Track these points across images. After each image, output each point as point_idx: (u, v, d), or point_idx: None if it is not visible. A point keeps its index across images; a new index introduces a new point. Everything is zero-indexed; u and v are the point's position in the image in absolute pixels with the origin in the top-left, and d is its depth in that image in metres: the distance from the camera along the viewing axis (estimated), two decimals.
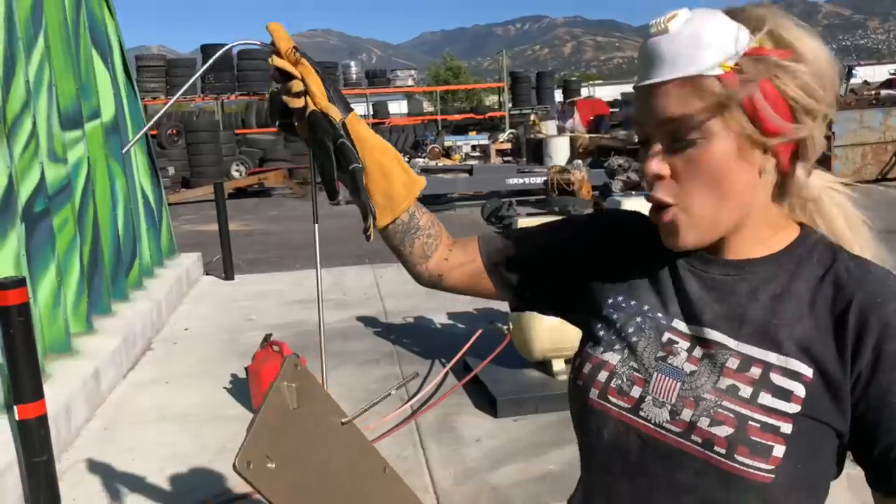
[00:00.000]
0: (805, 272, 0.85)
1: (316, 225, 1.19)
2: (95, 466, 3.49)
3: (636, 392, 0.87)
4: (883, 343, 0.78)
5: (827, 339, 0.81)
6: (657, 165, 0.83)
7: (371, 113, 27.69)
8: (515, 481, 3.20)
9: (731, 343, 0.84)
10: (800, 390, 0.80)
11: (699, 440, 0.82)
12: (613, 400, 0.89)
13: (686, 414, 0.83)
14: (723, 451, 0.80)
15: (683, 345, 0.87)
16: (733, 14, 0.81)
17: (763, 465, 0.79)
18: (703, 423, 0.82)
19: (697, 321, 0.87)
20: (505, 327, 4.33)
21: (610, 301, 0.95)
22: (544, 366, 4.16)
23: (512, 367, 4.22)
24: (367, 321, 5.69)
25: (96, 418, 4.07)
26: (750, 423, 0.80)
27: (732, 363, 0.83)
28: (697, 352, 0.86)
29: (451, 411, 3.95)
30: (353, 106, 1.06)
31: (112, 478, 3.39)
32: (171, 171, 16.29)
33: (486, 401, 4.01)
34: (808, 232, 0.88)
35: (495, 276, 1.06)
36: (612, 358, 0.90)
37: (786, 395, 0.80)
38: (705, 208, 0.82)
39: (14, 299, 2.68)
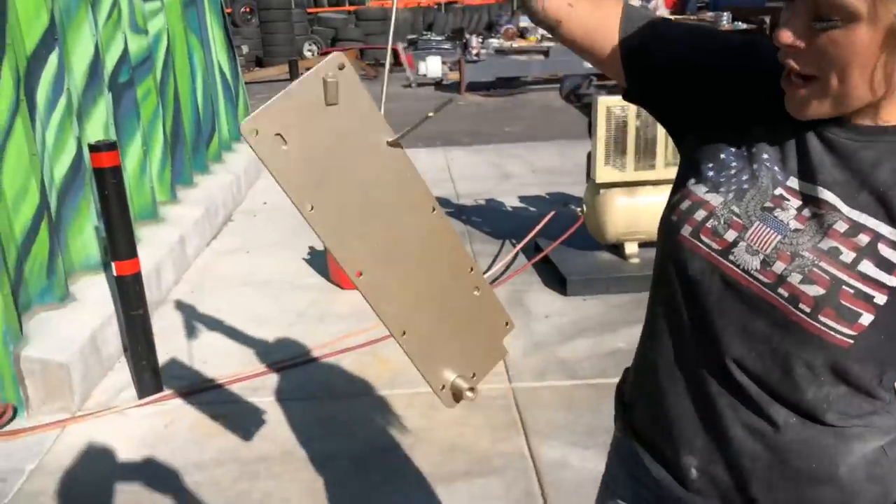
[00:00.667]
0: None
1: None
2: (184, 324, 3.73)
3: (730, 236, 0.86)
4: None
5: None
6: (789, 36, 0.78)
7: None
8: (583, 356, 3.27)
9: (844, 208, 0.82)
10: None
11: (785, 294, 0.82)
12: (705, 240, 0.88)
13: (778, 266, 0.82)
14: (807, 309, 0.80)
15: (794, 202, 0.84)
16: None
17: (845, 330, 0.79)
18: (794, 278, 0.81)
19: (812, 180, 0.84)
20: (578, 210, 4.30)
21: (729, 142, 0.91)
22: (617, 249, 4.15)
23: (584, 250, 4.22)
24: (440, 202, 5.62)
25: (183, 282, 4.31)
26: (844, 287, 0.79)
27: (840, 227, 0.81)
28: (807, 211, 0.83)
29: (521, 288, 4.02)
30: None
31: (199, 335, 3.62)
32: (245, 49, 16.28)
33: (556, 280, 4.05)
34: None
35: (627, 55, 0.97)
36: (715, 199, 0.89)
37: (890, 267, 0.79)
38: (837, 89, 0.78)
39: (107, 162, 2.80)
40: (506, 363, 3.23)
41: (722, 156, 0.91)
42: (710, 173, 0.91)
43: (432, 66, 12.86)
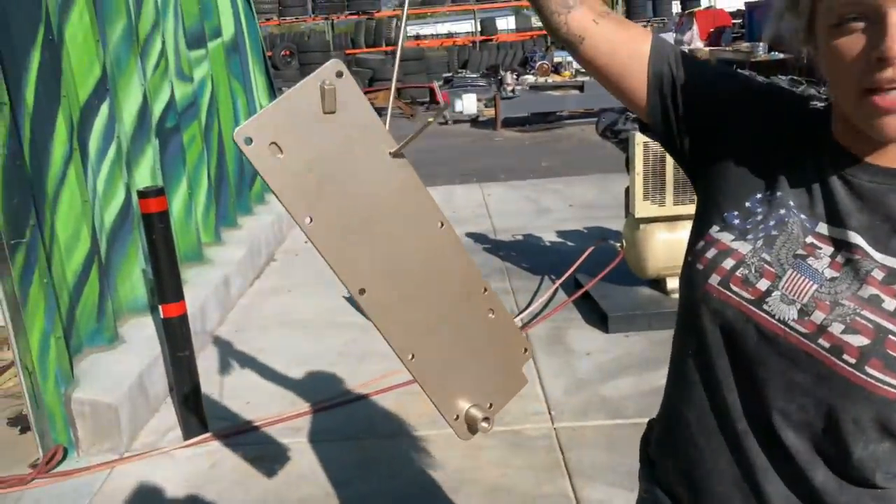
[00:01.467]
0: None
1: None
2: (228, 364, 3.78)
3: (763, 285, 0.83)
4: None
5: None
6: None
7: (479, 30, 27.10)
8: (626, 394, 3.23)
9: (876, 255, 0.79)
10: None
11: (827, 345, 0.79)
12: (735, 289, 0.84)
13: (818, 316, 0.79)
14: (853, 360, 0.77)
15: (827, 250, 0.82)
16: None
17: (894, 381, 0.76)
18: (836, 328, 0.78)
19: (842, 225, 0.82)
20: (617, 244, 4.28)
21: (752, 188, 0.89)
22: (657, 283, 4.11)
23: (624, 285, 4.19)
24: (477, 238, 5.75)
25: (227, 322, 4.38)
26: (890, 336, 0.77)
27: (878, 274, 0.79)
28: (840, 258, 0.81)
29: (562, 325, 3.99)
30: (460, 23, 1.01)
31: (242, 375, 3.67)
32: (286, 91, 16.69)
33: (596, 316, 4.02)
34: None
35: (655, 82, 0.94)
36: (743, 247, 0.86)
37: None
38: None
39: (155, 207, 2.88)
40: (548, 402, 3.20)
41: (747, 203, 0.88)
42: (736, 221, 0.88)
43: (468, 104, 13.00)
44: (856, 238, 0.81)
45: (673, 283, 4.02)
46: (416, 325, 0.90)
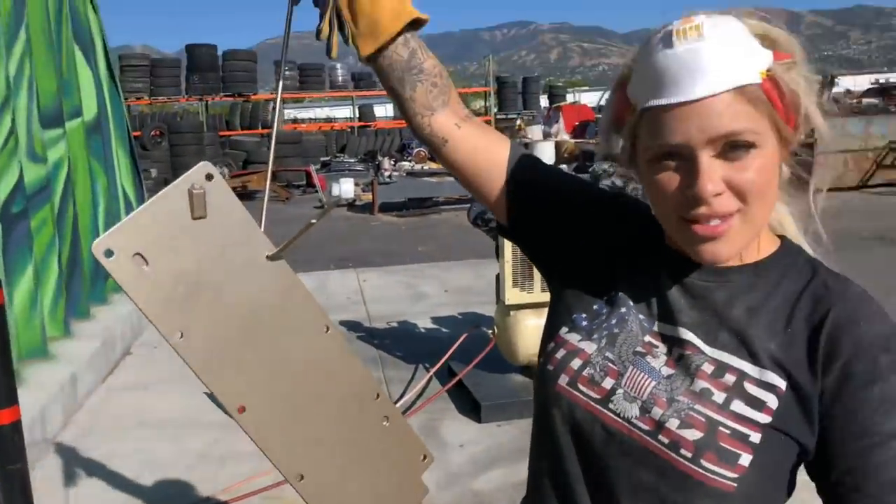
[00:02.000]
0: (785, 286, 0.84)
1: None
2: (72, 474, 3.42)
3: (608, 383, 0.85)
4: (853, 363, 0.78)
5: (801, 352, 0.81)
6: (715, 184, 0.77)
7: (357, 116, 27.64)
8: (498, 486, 3.17)
9: (707, 349, 0.83)
10: (772, 401, 0.80)
11: (666, 441, 0.80)
12: (583, 389, 0.86)
13: (656, 412, 0.82)
14: (689, 454, 0.79)
15: (662, 348, 0.86)
16: (738, 17, 0.80)
17: (728, 473, 0.78)
18: (673, 423, 0.80)
19: (673, 322, 0.86)
20: (489, 331, 4.30)
21: (598, 290, 0.92)
22: (529, 370, 4.14)
23: (496, 372, 4.19)
24: (351, 325, 5.64)
25: (73, 425, 4.00)
26: (720, 428, 0.79)
27: (707, 368, 0.82)
28: (675, 354, 0.85)
29: (436, 416, 3.92)
30: (338, 108, 1.03)
31: (88, 485, 3.32)
32: (154, 172, 16.14)
33: (469, 406, 3.98)
34: (789, 245, 0.88)
35: (513, 187, 0.97)
36: (589, 347, 0.88)
37: (758, 404, 0.80)
38: (760, 214, 0.80)
39: None
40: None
41: (594, 306, 0.91)
42: (584, 322, 0.91)
43: (345, 188, 13.06)
44: (686, 334, 0.85)
45: None
46: (303, 442, 0.85)
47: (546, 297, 3.61)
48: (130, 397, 4.38)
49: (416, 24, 0.97)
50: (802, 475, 0.84)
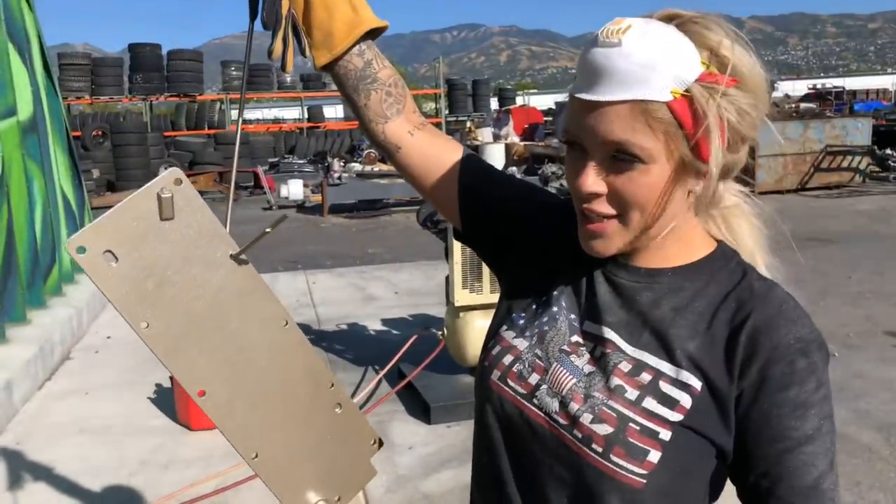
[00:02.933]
0: (712, 288, 0.85)
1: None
2: (7, 483, 3.30)
3: (534, 379, 0.87)
4: (770, 365, 0.79)
5: (719, 354, 0.81)
6: (595, 184, 0.81)
7: (306, 117, 27.39)
8: (448, 488, 3.17)
9: (628, 349, 0.84)
10: (686, 400, 0.80)
11: (580, 435, 0.82)
12: (511, 384, 0.89)
13: (572, 407, 0.83)
14: (600, 449, 0.81)
15: (588, 346, 0.88)
16: (681, 25, 0.79)
17: (636, 469, 0.80)
18: (586, 418, 0.82)
19: (598, 321, 0.87)
20: (439, 333, 4.30)
21: (536, 289, 0.94)
22: None
23: (446, 373, 4.19)
24: (300, 328, 5.56)
25: (8, 432, 3.85)
26: (630, 424, 0.80)
27: (624, 366, 0.84)
28: (597, 353, 0.86)
29: (385, 419, 3.90)
30: (287, 109, 1.03)
31: (26, 493, 3.20)
32: (96, 173, 15.70)
33: (419, 408, 3.97)
34: (725, 249, 0.89)
35: (463, 193, 1.00)
36: (521, 344, 0.91)
37: (671, 402, 0.81)
38: (638, 223, 0.82)
39: None
40: (368, 502, 3.07)
41: (534, 306, 0.93)
42: (521, 321, 0.93)
43: (294, 189, 12.92)
44: (609, 333, 0.86)
45: None
46: (259, 424, 0.93)
47: (494, 298, 3.62)
48: (70, 403, 4.24)
49: (373, 33, 0.99)
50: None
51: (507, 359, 0.90)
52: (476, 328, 3.95)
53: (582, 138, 0.81)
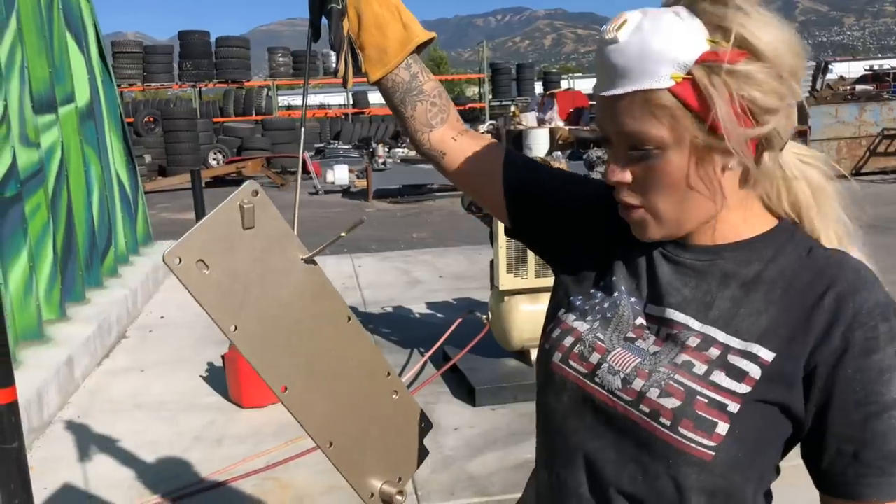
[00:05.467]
0: (781, 260, 0.85)
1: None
2: (68, 454, 3.45)
3: (595, 358, 0.89)
4: (852, 330, 0.78)
5: (796, 323, 0.81)
6: (618, 173, 0.84)
7: (351, 103, 27.54)
8: (493, 470, 3.21)
9: (695, 325, 0.85)
10: (755, 371, 0.81)
11: (647, 410, 0.83)
12: (573, 364, 0.90)
13: (637, 383, 0.84)
14: (668, 422, 0.81)
15: (652, 328, 0.88)
16: (691, 5, 0.79)
17: (705, 441, 0.80)
18: (653, 393, 0.83)
19: (662, 303, 0.88)
20: (484, 317, 4.33)
21: (594, 275, 0.96)
22: (522, 355, 4.17)
23: (490, 357, 4.22)
24: None
25: (70, 406, 4.02)
26: (698, 397, 0.81)
27: (693, 342, 0.84)
28: (662, 333, 0.87)
29: (430, 400, 3.95)
30: (332, 95, 1.08)
31: (85, 466, 3.35)
32: (148, 158, 16.08)
33: (464, 390, 4.01)
34: (786, 224, 0.89)
35: (509, 191, 1.03)
36: (582, 326, 0.92)
37: (740, 374, 0.81)
38: (670, 211, 0.84)
39: None
40: (414, 482, 3.12)
41: (591, 290, 0.95)
42: (579, 303, 0.95)
43: (339, 175, 13.05)
44: (674, 314, 0.87)
45: (536, 355, 4.09)
46: (332, 414, 0.99)
47: (539, 282, 3.63)
48: (126, 380, 4.40)
49: (419, 48, 1.05)
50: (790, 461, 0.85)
51: (568, 340, 0.91)
52: (521, 312, 3.96)
53: (606, 133, 0.85)
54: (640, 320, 0.89)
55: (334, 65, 1.05)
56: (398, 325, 5.26)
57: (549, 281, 3.89)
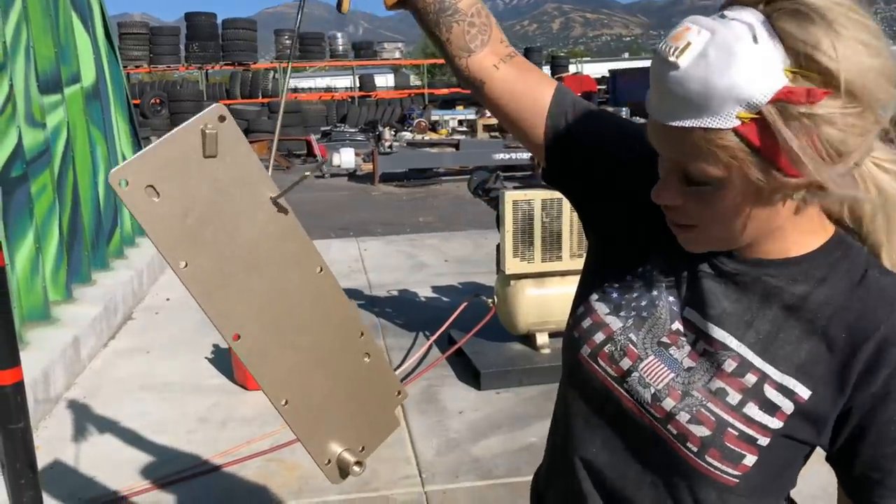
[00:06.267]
0: (829, 283, 0.78)
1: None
2: (74, 434, 3.46)
3: (626, 364, 0.85)
4: (895, 378, 0.75)
5: (836, 360, 0.76)
6: (669, 197, 0.77)
7: (357, 86, 27.42)
8: (497, 453, 3.20)
9: (733, 343, 0.80)
10: (788, 407, 0.78)
11: (674, 431, 0.81)
12: (602, 364, 0.87)
13: (668, 403, 0.81)
14: (694, 448, 0.80)
15: (689, 337, 0.83)
16: (774, 16, 0.66)
17: (730, 470, 0.79)
18: (683, 417, 0.80)
19: (703, 313, 0.83)
20: (489, 300, 4.32)
21: (633, 259, 0.89)
22: (528, 339, 4.16)
23: (496, 341, 4.21)
24: (352, 293, 5.66)
25: (76, 387, 4.03)
26: (729, 429, 0.79)
27: (729, 365, 0.80)
28: (699, 347, 0.82)
29: (435, 383, 3.95)
30: (339, 78, 1.01)
31: (90, 446, 3.36)
32: (154, 140, 16.07)
33: (469, 373, 4.01)
34: (842, 237, 0.81)
35: (551, 132, 0.92)
36: (615, 323, 0.87)
37: (773, 409, 0.78)
38: (723, 233, 0.78)
39: None
40: (419, 464, 3.13)
41: (628, 277, 0.89)
42: (614, 294, 0.89)
43: (346, 158, 13.00)
44: (713, 330, 0.82)
45: (542, 339, 4.08)
46: (290, 370, 0.90)
47: (546, 267, 3.60)
48: (132, 361, 4.41)
49: None
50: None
51: (599, 336, 0.87)
52: (527, 296, 3.95)
53: (659, 151, 0.77)
54: (677, 325, 0.84)
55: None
56: (403, 308, 5.26)
57: (556, 265, 3.90)
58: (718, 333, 0.81)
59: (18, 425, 2.74)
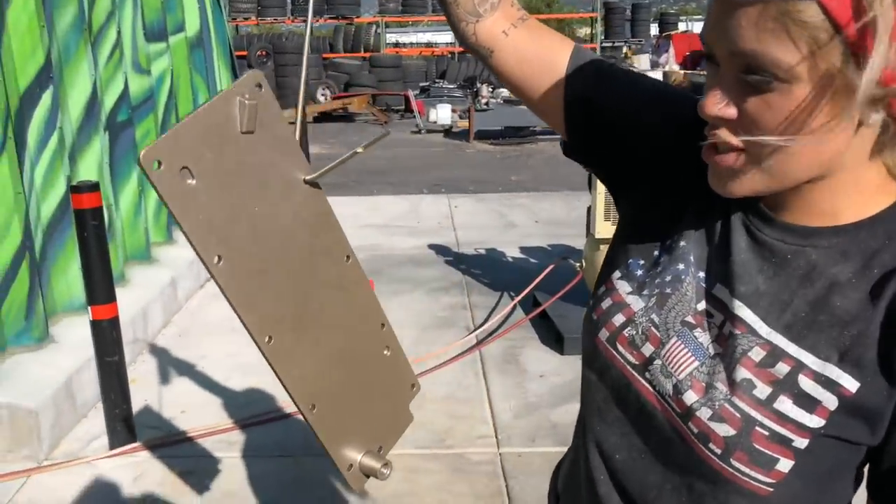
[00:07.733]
0: (887, 257, 0.65)
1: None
2: (167, 370, 3.62)
3: (647, 350, 0.74)
4: None
5: (891, 346, 0.64)
6: (719, 107, 0.64)
7: (457, 43, 27.14)
8: (575, 420, 3.12)
9: (763, 329, 0.68)
10: (831, 402, 0.65)
11: (695, 430, 0.70)
12: (621, 349, 0.76)
13: (689, 397, 0.70)
14: (718, 450, 0.68)
15: (718, 318, 0.72)
16: None
17: (762, 477, 0.67)
18: (704, 413, 0.69)
19: (732, 289, 0.71)
20: (577, 264, 4.20)
21: (661, 231, 0.78)
22: None
23: (582, 305, 4.10)
24: (439, 249, 5.64)
25: (172, 325, 4.21)
26: (757, 428, 0.67)
27: (756, 354, 0.68)
28: (725, 329, 0.71)
29: (517, 345, 3.89)
30: (440, 33, 0.89)
31: (181, 382, 3.50)
32: None
33: (552, 337, 3.92)
34: None
35: (568, 102, 0.82)
36: (636, 303, 0.76)
37: (811, 404, 0.65)
38: (776, 160, 0.64)
39: (88, 203, 2.73)
40: (496, 426, 3.09)
41: (655, 252, 0.78)
42: (639, 271, 0.79)
43: (442, 114, 12.95)
44: (741, 309, 0.70)
45: None
46: (317, 371, 0.80)
47: None
48: (225, 304, 4.53)
49: None
50: None
51: (618, 318, 0.77)
52: None
53: (715, 49, 0.64)
54: (703, 304, 0.73)
55: None
56: (490, 267, 5.20)
57: None
58: (748, 315, 0.70)
59: (114, 358, 2.88)
